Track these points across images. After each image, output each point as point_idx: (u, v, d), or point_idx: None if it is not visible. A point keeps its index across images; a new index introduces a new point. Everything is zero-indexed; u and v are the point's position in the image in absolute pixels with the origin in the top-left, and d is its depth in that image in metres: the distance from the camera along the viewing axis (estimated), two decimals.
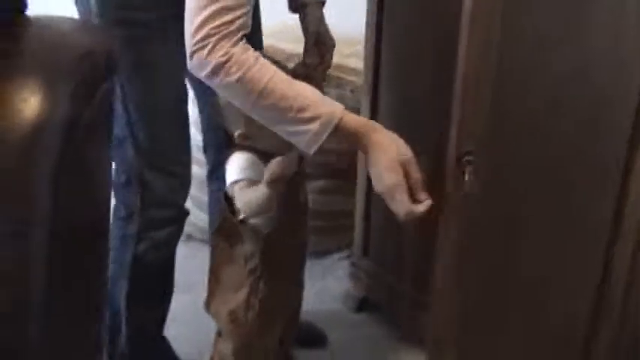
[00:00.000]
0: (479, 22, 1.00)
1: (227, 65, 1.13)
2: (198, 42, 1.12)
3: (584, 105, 1.18)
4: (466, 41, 1.02)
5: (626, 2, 1.12)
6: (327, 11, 1.55)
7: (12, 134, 0.82)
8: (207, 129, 1.70)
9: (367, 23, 1.62)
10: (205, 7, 1.11)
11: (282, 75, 1.16)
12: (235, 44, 1.13)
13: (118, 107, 1.37)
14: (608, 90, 1.18)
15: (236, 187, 1.34)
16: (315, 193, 1.99)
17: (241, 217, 1.37)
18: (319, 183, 2.06)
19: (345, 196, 2.00)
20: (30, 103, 0.83)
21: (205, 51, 1.12)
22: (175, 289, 1.60)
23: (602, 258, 1.28)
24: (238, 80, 1.13)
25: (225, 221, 1.40)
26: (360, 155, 1.63)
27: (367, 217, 1.77)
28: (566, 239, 1.28)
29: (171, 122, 1.44)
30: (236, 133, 1.33)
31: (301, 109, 1.14)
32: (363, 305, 1.91)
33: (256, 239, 1.38)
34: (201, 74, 1.15)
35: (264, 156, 1.36)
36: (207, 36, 1.12)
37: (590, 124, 1.20)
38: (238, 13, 1.13)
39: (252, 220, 1.37)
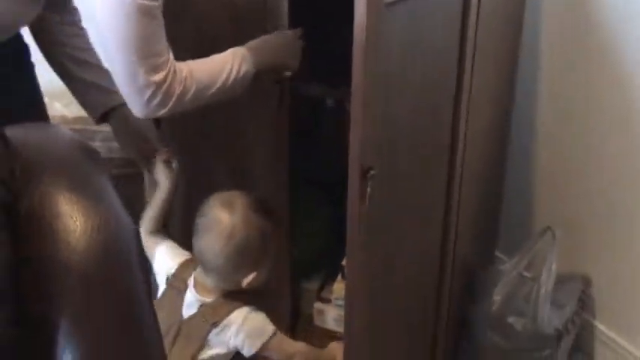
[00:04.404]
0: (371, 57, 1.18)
1: (183, 89, 1.35)
2: (157, 89, 1.31)
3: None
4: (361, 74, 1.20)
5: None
6: None
7: None
8: None
9: None
10: (141, 64, 1.29)
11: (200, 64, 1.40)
12: (174, 71, 1.34)
13: None
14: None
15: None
16: None
17: None
18: None
19: None
20: None
21: (163, 91, 1.32)
22: None
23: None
24: (195, 89, 1.37)
25: None
26: None
27: None
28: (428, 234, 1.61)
29: None
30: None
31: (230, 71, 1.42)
32: None
33: None
34: (165, 109, 1.35)
35: None
36: (161, 82, 1.31)
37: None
38: (162, 47, 1.31)
39: None
